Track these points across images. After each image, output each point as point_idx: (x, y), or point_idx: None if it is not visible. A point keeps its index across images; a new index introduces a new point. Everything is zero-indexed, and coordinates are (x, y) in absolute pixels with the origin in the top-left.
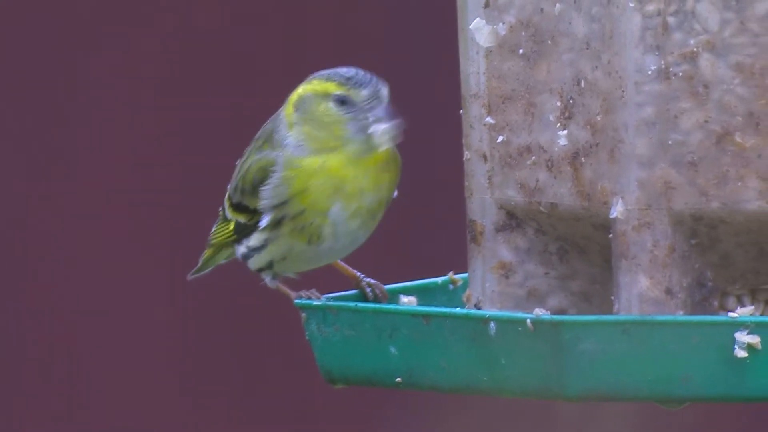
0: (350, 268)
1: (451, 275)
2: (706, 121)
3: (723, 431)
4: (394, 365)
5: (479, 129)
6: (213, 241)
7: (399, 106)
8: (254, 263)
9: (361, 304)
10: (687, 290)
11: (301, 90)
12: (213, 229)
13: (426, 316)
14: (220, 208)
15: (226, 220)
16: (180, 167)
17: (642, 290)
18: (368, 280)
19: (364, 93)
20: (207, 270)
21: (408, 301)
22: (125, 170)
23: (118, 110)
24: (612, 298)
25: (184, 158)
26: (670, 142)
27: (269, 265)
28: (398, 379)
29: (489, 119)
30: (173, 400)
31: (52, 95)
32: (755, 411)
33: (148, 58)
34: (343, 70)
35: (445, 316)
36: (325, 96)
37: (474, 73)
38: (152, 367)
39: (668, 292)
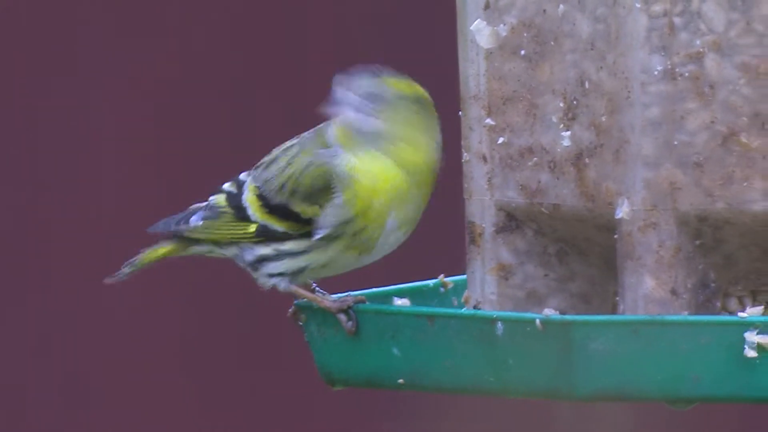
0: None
1: (442, 278)
2: (712, 122)
3: (721, 431)
4: (397, 366)
5: (479, 130)
6: (201, 236)
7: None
8: (277, 267)
9: (362, 306)
10: (691, 291)
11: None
12: (199, 224)
13: (430, 316)
14: (216, 199)
15: (240, 219)
16: (181, 167)
17: (647, 291)
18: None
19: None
20: (142, 268)
21: (402, 303)
22: (126, 170)
23: (120, 111)
24: (617, 299)
25: (186, 158)
26: (675, 143)
27: (300, 271)
28: (401, 381)
29: (489, 120)
30: (173, 400)
31: (53, 97)
32: (754, 411)
33: (149, 60)
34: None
35: (450, 316)
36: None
37: (474, 74)
38: (152, 365)
39: (674, 292)
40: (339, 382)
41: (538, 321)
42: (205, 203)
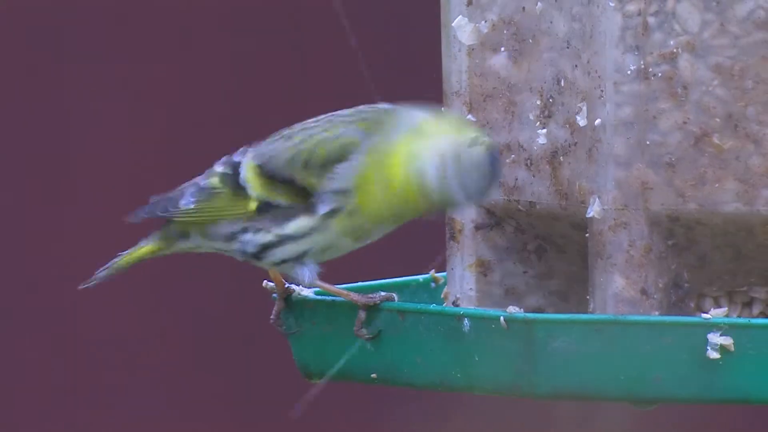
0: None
1: (432, 273)
2: (685, 122)
3: (720, 431)
4: (370, 361)
5: None
6: (193, 219)
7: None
8: (280, 254)
9: (338, 299)
10: (663, 291)
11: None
12: (191, 207)
13: (401, 311)
14: (209, 181)
15: (240, 198)
16: (181, 168)
17: (617, 290)
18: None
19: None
20: (120, 271)
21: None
22: (125, 171)
23: (121, 111)
24: (588, 297)
25: (185, 159)
26: (648, 143)
27: (302, 255)
28: (373, 375)
29: (470, 117)
30: (172, 400)
31: (54, 101)
32: (753, 412)
33: (150, 61)
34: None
35: (420, 312)
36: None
37: (456, 70)
38: (151, 364)
39: (644, 292)
40: (316, 375)
41: (502, 318)
42: (189, 186)
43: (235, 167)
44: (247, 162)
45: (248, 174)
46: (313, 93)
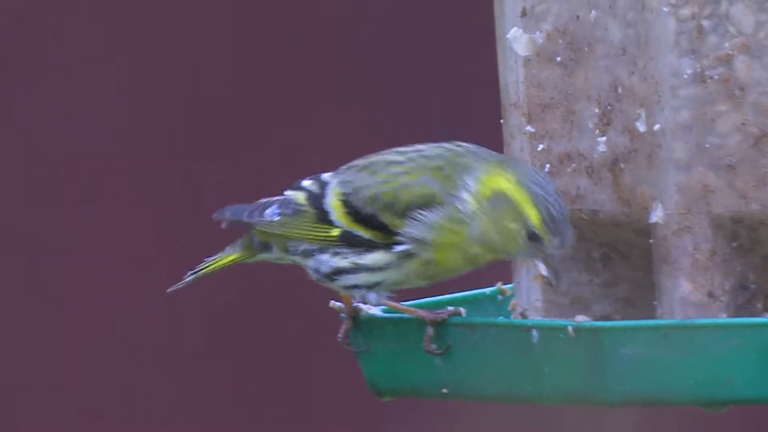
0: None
1: (499, 285)
2: (743, 124)
3: (725, 431)
4: (440, 376)
5: (520, 138)
6: (277, 232)
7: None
8: (354, 280)
9: (405, 317)
10: (730, 293)
11: (507, 187)
12: (275, 219)
13: (469, 325)
14: (294, 196)
15: (322, 222)
16: (181, 167)
17: (684, 294)
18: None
19: (556, 243)
20: (206, 273)
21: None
22: (127, 170)
23: (121, 110)
24: (655, 302)
25: (186, 157)
26: (707, 146)
27: (374, 285)
28: (445, 390)
29: (529, 128)
30: (173, 400)
31: (54, 101)
32: (758, 411)
33: (150, 58)
34: (552, 202)
35: (488, 325)
36: (523, 219)
37: (513, 82)
38: (152, 364)
39: (711, 295)
40: (386, 393)
41: (570, 328)
42: (278, 198)
43: (323, 187)
44: (334, 187)
45: (333, 200)
46: (313, 93)
